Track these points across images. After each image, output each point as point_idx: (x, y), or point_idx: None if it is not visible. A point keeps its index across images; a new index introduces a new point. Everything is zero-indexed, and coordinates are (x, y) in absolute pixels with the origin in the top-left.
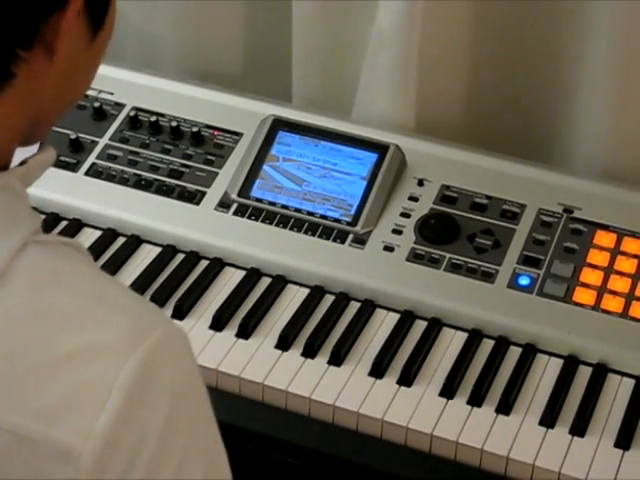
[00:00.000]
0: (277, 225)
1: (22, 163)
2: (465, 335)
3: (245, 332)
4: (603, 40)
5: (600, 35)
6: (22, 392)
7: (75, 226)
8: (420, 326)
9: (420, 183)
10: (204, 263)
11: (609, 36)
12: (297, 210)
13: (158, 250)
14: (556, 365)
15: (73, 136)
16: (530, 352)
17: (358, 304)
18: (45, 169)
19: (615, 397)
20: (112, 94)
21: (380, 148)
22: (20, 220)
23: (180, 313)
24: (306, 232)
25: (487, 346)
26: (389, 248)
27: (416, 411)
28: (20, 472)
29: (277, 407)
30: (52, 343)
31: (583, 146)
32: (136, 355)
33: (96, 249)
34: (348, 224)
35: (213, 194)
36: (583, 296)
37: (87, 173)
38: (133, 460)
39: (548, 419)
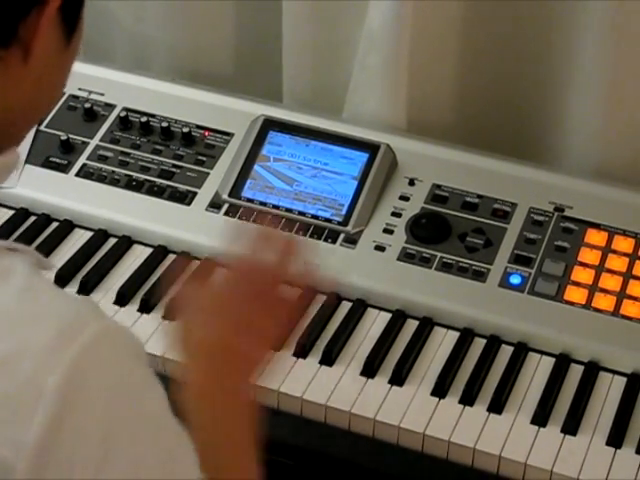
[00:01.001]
0: (268, 225)
1: None
2: (457, 334)
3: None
4: (593, 39)
5: (590, 34)
6: None
7: (66, 227)
8: (412, 325)
9: (411, 182)
10: (195, 264)
11: (599, 35)
12: (288, 210)
13: (149, 251)
14: (548, 364)
15: (64, 137)
16: (522, 351)
17: (349, 304)
18: (10, 172)
19: (607, 395)
20: (103, 95)
21: (371, 148)
22: None
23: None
24: (297, 232)
25: (479, 345)
26: (380, 248)
27: (408, 410)
28: None
29: (269, 408)
30: None
31: (574, 145)
32: (66, 358)
33: (87, 250)
34: (339, 224)
35: (204, 194)
36: (574, 295)
37: (78, 174)
38: (72, 469)
39: (540, 418)
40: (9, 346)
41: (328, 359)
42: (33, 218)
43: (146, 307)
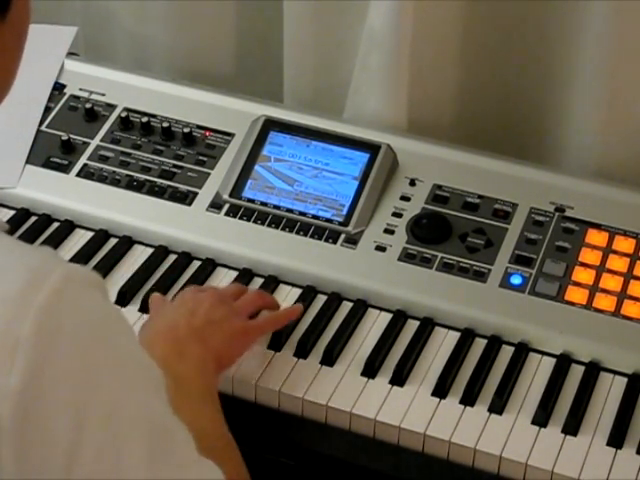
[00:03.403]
0: (269, 225)
1: None
2: (457, 334)
3: None
4: (594, 40)
5: (591, 35)
6: None
7: (67, 227)
8: (412, 326)
9: (412, 183)
10: (196, 264)
11: (600, 36)
12: (289, 210)
13: (150, 251)
14: (548, 364)
15: (64, 137)
16: (522, 351)
17: (350, 304)
18: None
19: (607, 396)
20: (103, 95)
21: (372, 148)
22: None
23: None
24: (298, 232)
25: (479, 345)
26: (381, 248)
27: (409, 411)
28: None
29: (270, 408)
30: None
31: (574, 145)
32: (37, 304)
33: (88, 250)
34: (340, 224)
35: (205, 195)
36: (575, 295)
37: (79, 174)
38: (57, 411)
39: (541, 418)
40: None
41: (329, 359)
42: (34, 218)
43: (147, 307)
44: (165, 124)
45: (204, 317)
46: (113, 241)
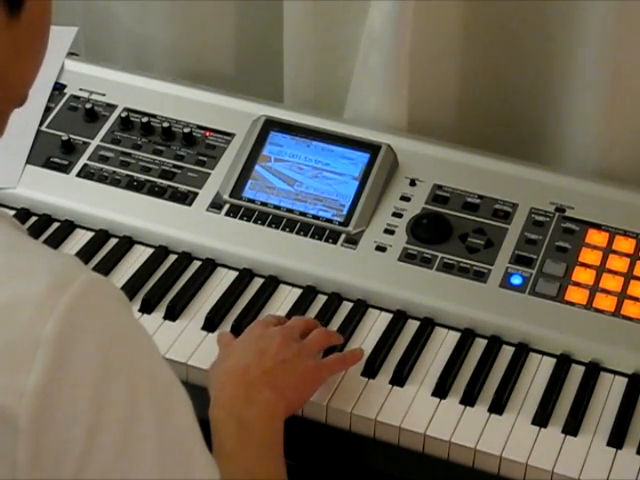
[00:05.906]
0: (269, 226)
1: None
2: (458, 335)
3: (238, 333)
4: (594, 40)
5: (591, 35)
6: None
7: (67, 228)
8: (413, 326)
9: (412, 183)
10: (196, 264)
11: (600, 35)
12: (289, 210)
13: (150, 251)
14: (549, 364)
15: (65, 137)
16: (523, 351)
17: (350, 304)
18: None
19: (608, 396)
20: (104, 95)
21: (372, 148)
22: None
23: (173, 314)
24: (298, 232)
25: (480, 345)
26: (381, 248)
27: (409, 411)
28: None
29: None
30: None
31: (575, 145)
32: (59, 307)
33: (88, 250)
34: (340, 224)
35: (205, 195)
36: (575, 295)
37: (79, 174)
38: (74, 413)
39: (541, 418)
40: (3, 298)
41: None
42: (34, 219)
43: (147, 307)
44: (165, 124)
45: (275, 357)
46: (113, 241)
